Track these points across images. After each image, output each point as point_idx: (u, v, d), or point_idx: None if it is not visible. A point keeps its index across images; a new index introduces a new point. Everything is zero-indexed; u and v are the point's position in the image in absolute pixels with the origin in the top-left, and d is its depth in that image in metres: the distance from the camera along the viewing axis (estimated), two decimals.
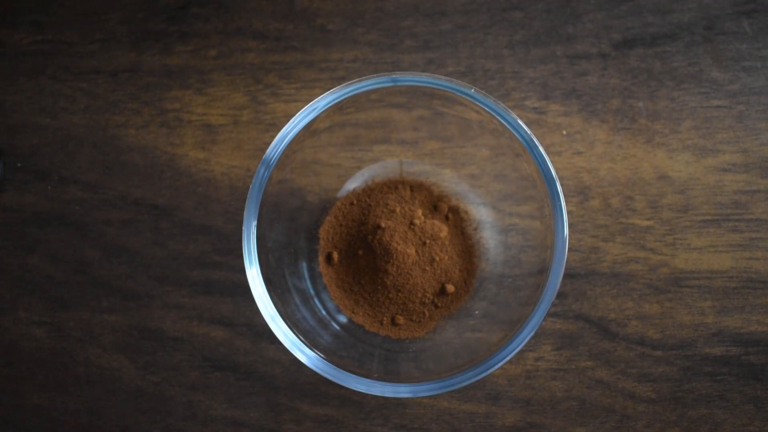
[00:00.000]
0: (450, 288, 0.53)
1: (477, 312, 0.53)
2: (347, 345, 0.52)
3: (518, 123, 0.48)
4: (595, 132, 0.57)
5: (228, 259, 0.56)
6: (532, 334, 0.46)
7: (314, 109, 0.48)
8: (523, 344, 0.46)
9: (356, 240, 0.54)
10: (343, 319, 0.54)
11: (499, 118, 0.48)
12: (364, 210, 0.55)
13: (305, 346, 0.47)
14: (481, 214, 0.55)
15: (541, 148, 0.48)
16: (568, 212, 0.55)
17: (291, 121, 0.48)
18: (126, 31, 0.59)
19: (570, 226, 0.56)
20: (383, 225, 0.53)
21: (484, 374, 0.46)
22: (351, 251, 0.54)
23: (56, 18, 0.59)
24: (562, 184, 0.49)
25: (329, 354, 0.48)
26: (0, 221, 0.57)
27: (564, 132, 0.57)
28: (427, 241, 0.53)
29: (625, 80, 0.58)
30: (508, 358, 0.46)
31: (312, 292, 0.54)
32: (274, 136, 0.49)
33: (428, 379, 0.47)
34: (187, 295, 0.56)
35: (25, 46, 0.59)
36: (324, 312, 0.53)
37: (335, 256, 0.55)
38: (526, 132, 0.48)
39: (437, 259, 0.53)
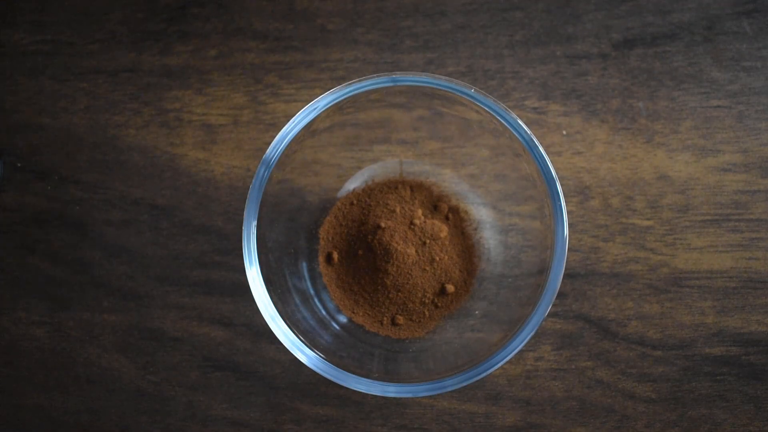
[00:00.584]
0: (450, 288, 0.53)
1: (477, 312, 0.53)
2: (347, 345, 0.52)
3: (518, 123, 0.48)
4: (595, 132, 0.57)
5: (228, 259, 0.56)
6: (532, 334, 0.46)
7: (314, 109, 0.48)
8: (523, 344, 0.46)
9: (356, 240, 0.54)
10: (343, 319, 0.54)
11: (499, 118, 0.48)
12: (364, 210, 0.55)
13: (305, 346, 0.47)
14: (481, 214, 0.55)
15: (541, 148, 0.48)
16: (568, 212, 0.55)
17: (291, 121, 0.48)
18: (126, 31, 0.59)
19: (570, 226, 0.56)
20: (383, 225, 0.53)
21: (484, 374, 0.46)
22: (351, 251, 0.54)
23: (56, 18, 0.59)
24: (562, 184, 0.49)
25: (329, 354, 0.48)
26: (0, 221, 0.57)
27: (564, 132, 0.57)
28: (427, 241, 0.53)
29: (625, 80, 0.58)
30: (508, 358, 0.46)
31: (312, 292, 0.54)
32: (274, 136, 0.49)
33: (428, 379, 0.47)
34: (187, 295, 0.56)
35: (25, 46, 0.59)
36: (324, 312, 0.53)
37: (335, 256, 0.55)
38: (526, 132, 0.48)
39: (437, 259, 0.53)
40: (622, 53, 0.58)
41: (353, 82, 0.48)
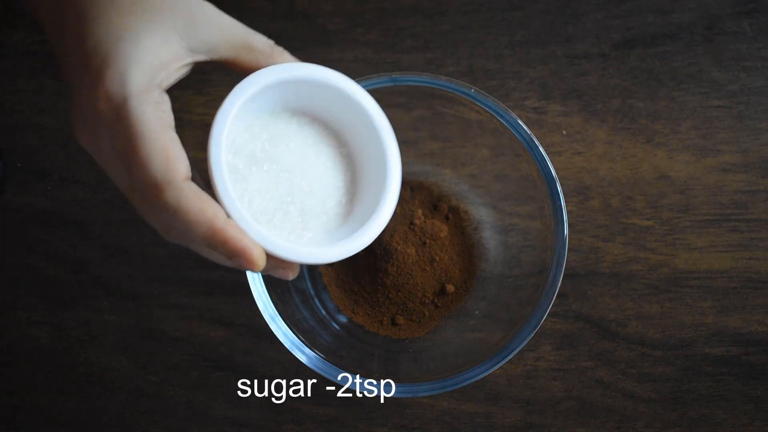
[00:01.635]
0: (450, 288, 0.53)
1: (477, 312, 0.53)
2: (347, 345, 0.52)
3: (518, 123, 0.48)
4: (595, 132, 0.57)
5: None
6: (532, 334, 0.46)
7: None
8: (523, 344, 0.46)
9: None
10: (343, 319, 0.54)
11: (499, 118, 0.48)
12: None
13: (305, 346, 0.47)
14: (481, 214, 0.55)
15: (541, 148, 0.48)
16: (568, 212, 0.55)
17: None
18: None
19: (570, 226, 0.56)
20: None
21: (484, 374, 0.46)
22: None
23: None
24: (562, 184, 0.49)
25: (329, 354, 0.48)
26: (0, 221, 0.57)
27: (564, 132, 0.57)
28: (427, 241, 0.53)
29: (625, 80, 0.58)
30: (508, 358, 0.46)
31: (312, 292, 0.54)
32: None
33: (428, 379, 0.47)
34: (187, 295, 0.56)
35: (25, 46, 0.59)
36: (324, 312, 0.53)
37: None
38: (526, 132, 0.48)
39: (437, 259, 0.53)
40: (622, 53, 0.58)
41: None
